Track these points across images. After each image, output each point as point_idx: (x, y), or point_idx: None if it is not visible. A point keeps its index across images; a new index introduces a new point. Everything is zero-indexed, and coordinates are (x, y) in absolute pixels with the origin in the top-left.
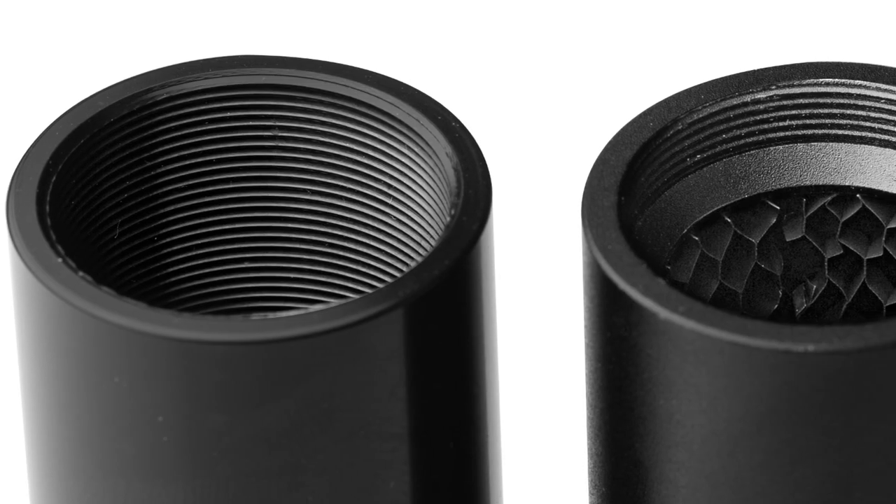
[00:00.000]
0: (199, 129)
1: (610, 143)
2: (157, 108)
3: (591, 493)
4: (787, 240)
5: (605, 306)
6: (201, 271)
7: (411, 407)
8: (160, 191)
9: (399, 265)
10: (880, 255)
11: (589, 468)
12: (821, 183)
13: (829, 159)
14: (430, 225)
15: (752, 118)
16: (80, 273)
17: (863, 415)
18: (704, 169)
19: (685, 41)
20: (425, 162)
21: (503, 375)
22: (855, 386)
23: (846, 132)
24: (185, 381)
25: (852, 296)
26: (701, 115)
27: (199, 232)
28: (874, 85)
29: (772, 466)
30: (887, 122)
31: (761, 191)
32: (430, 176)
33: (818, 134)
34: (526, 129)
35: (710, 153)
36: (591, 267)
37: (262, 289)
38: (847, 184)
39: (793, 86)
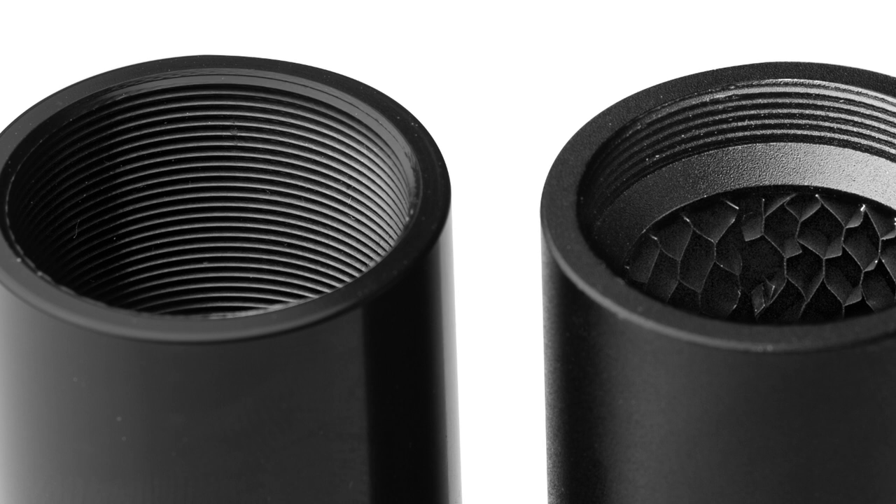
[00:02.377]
0: (157, 129)
1: (569, 143)
2: (116, 108)
3: (549, 493)
4: (746, 240)
5: (564, 306)
6: (160, 271)
7: (370, 407)
8: (119, 191)
9: (358, 265)
10: (839, 255)
11: (548, 468)
12: (780, 183)
13: (787, 159)
14: (389, 225)
15: (710, 118)
16: (39, 273)
17: (821, 415)
18: (663, 169)
19: (644, 41)
20: (384, 162)
21: (462, 375)
22: (814, 386)
23: (805, 132)
24: (144, 381)
25: (811, 296)
26: (660, 115)
27: (158, 232)
28: (833, 85)
29: (730, 466)
30: (846, 122)
31: (720, 191)
32: (388, 176)
33: (777, 134)
34: (485, 128)
35: (668, 153)
36: (550, 267)
37: (222, 289)
38: (806, 184)
39: (752, 86)
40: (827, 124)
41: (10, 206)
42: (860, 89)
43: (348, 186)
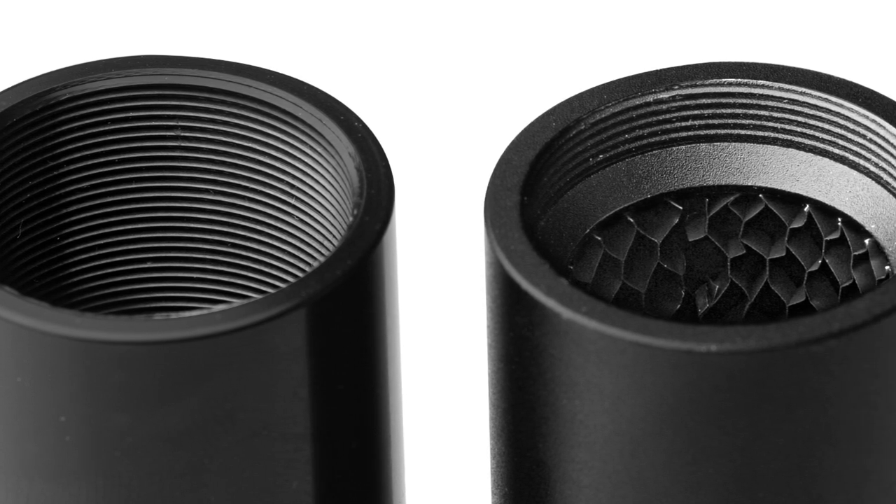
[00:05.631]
0: (101, 129)
1: (513, 142)
2: (60, 107)
3: (493, 493)
4: (690, 240)
5: (508, 306)
6: (104, 271)
7: (314, 407)
8: (63, 191)
9: (302, 265)
10: (783, 255)
11: (492, 468)
12: (723, 183)
13: (731, 159)
14: (332, 225)
15: (654, 118)
16: None
17: (765, 415)
18: (607, 169)
19: (588, 41)
20: (328, 162)
21: (406, 375)
22: (757, 386)
23: (749, 132)
24: (88, 381)
25: (755, 296)
26: (604, 115)
27: (101, 232)
28: (777, 85)
29: (674, 466)
30: (790, 122)
31: (664, 191)
32: (332, 176)
33: (721, 134)
34: (429, 128)
35: (612, 153)
36: (494, 267)
37: (165, 289)
38: (750, 184)
39: (695, 86)
40: (770, 124)
41: None
42: (804, 89)
43: (292, 186)
